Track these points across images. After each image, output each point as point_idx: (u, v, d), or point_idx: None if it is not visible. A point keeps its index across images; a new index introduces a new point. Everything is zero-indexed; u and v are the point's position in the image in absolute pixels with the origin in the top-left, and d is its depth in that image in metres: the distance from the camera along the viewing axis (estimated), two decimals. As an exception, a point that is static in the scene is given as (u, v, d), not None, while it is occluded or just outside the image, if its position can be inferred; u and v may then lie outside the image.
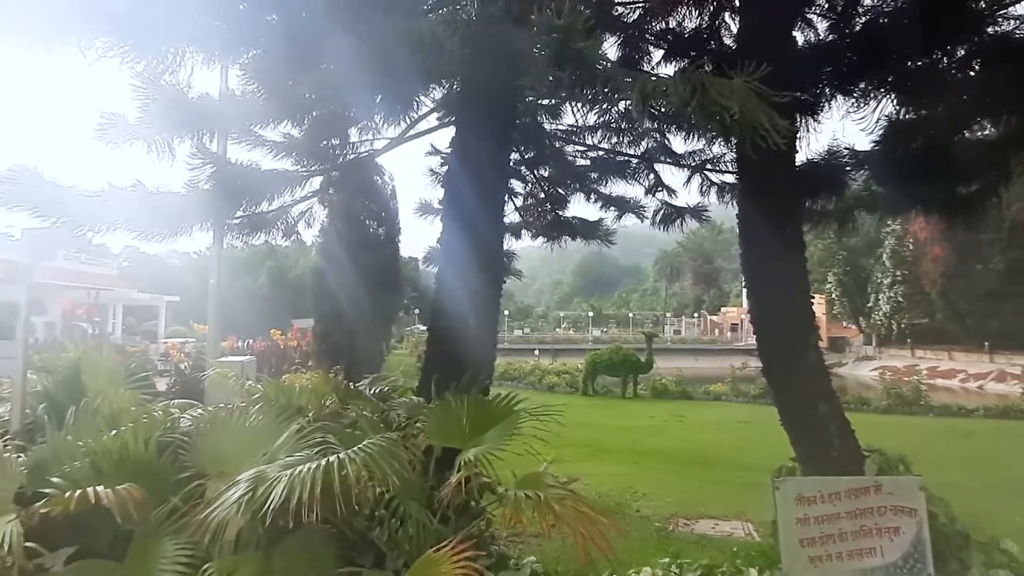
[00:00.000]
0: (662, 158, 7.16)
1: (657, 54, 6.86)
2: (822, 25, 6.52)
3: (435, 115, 7.57)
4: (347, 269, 8.40)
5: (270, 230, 6.79)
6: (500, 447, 4.17)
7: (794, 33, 5.57)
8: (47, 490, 3.93)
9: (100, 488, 3.45)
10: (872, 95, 5.97)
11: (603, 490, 8.67)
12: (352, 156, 6.75)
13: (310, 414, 4.56)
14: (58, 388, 5.75)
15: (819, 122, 6.32)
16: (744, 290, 5.58)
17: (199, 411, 4.72)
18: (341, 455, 3.28)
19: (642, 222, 9.96)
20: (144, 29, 4.46)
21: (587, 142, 7.94)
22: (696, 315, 64.00)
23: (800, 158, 6.18)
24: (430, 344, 5.85)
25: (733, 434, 15.41)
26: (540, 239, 9.90)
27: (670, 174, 7.43)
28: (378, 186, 8.39)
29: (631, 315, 64.15)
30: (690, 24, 6.69)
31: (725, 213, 9.58)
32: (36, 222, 5.96)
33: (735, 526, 7.80)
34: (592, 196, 9.08)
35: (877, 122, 5.74)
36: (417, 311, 44.46)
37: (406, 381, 7.61)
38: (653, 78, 3.23)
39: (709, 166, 6.95)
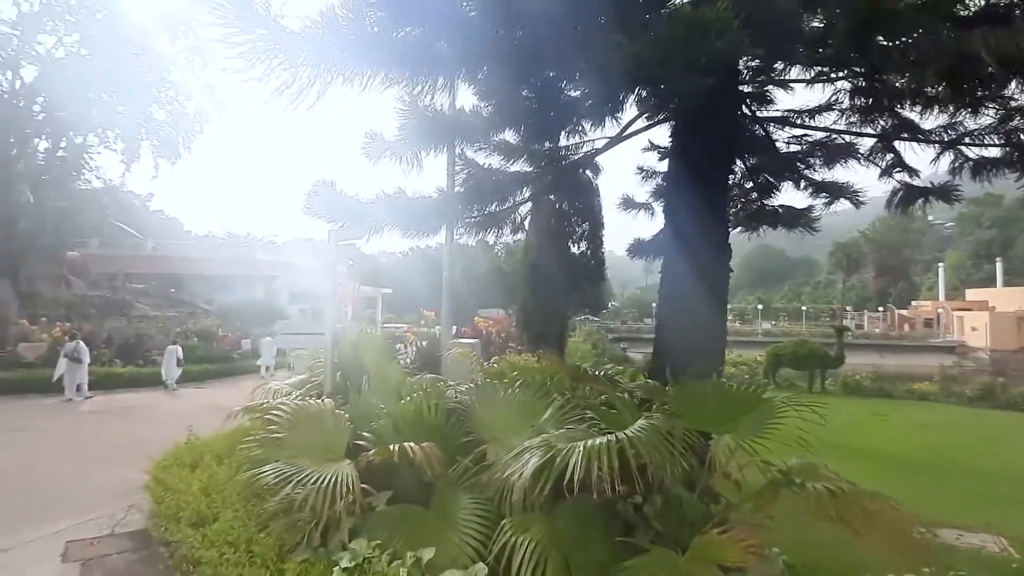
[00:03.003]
0: (905, 135, 6.08)
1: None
2: None
3: (640, 116, 7.29)
4: (558, 262, 8.51)
5: (500, 227, 7.09)
6: (760, 436, 3.79)
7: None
8: (360, 442, 4.47)
9: (413, 444, 3.79)
10: None
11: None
12: (577, 157, 6.78)
13: (567, 392, 4.58)
14: (346, 360, 6.56)
15: None
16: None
17: (466, 385, 5.04)
18: (629, 434, 3.19)
19: (857, 208, 8.70)
20: (418, 60, 4.81)
21: (801, 127, 7.08)
22: (881, 309, 55.10)
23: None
24: (659, 332, 5.63)
25: (952, 438, 12.89)
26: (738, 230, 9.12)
27: (911, 152, 6.26)
28: (586, 184, 8.34)
29: (804, 308, 57.24)
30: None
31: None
32: (329, 226, 6.88)
33: (984, 539, 6.43)
34: (802, 183, 8.12)
35: None
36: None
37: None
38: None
39: (968, 140, 5.73)
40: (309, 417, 4.26)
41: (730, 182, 8.10)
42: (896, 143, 6.26)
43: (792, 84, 6.82)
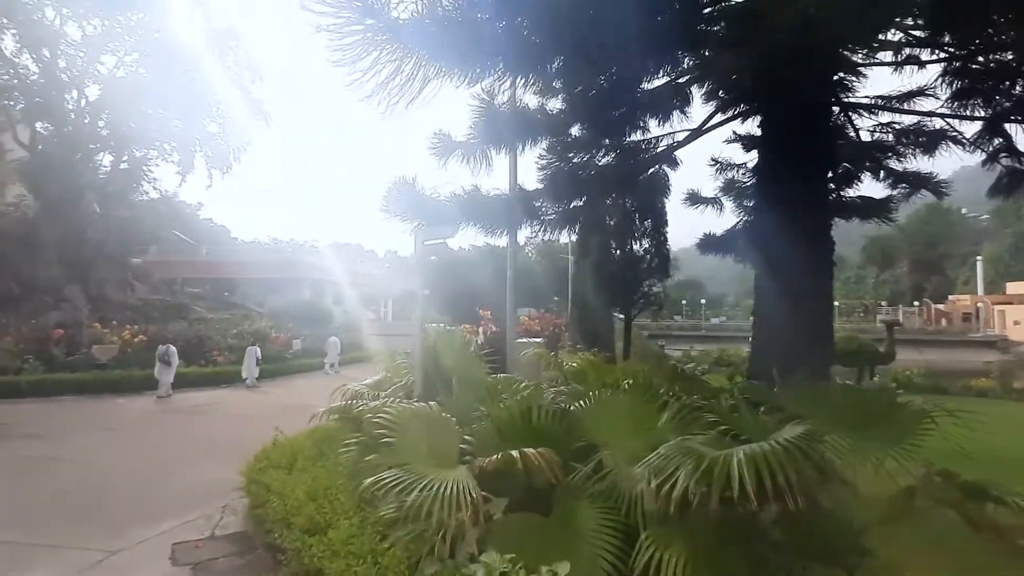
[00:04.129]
0: (1013, 117, 5.52)
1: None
2: None
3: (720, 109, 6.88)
4: (621, 260, 8.13)
5: (573, 224, 6.78)
6: (910, 446, 3.37)
7: None
8: (462, 446, 4.19)
9: (532, 450, 3.49)
10: None
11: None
12: (659, 150, 6.41)
13: (681, 395, 4.23)
14: (426, 360, 6.32)
15: None
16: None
17: (565, 387, 4.73)
18: (794, 441, 2.82)
19: (939, 199, 8.15)
20: (516, 51, 4.51)
21: (894, 111, 6.57)
22: (917, 304, 52.79)
23: None
24: (758, 332, 5.22)
25: (1025, 438, 12.00)
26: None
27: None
28: (658, 180, 7.92)
29: (836, 304, 55.34)
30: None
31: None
32: (405, 226, 6.65)
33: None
34: (882, 173, 7.59)
35: None
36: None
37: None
38: None
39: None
40: (418, 420, 3.99)
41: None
42: (1004, 126, 5.70)
43: (864, 69, 6.37)
